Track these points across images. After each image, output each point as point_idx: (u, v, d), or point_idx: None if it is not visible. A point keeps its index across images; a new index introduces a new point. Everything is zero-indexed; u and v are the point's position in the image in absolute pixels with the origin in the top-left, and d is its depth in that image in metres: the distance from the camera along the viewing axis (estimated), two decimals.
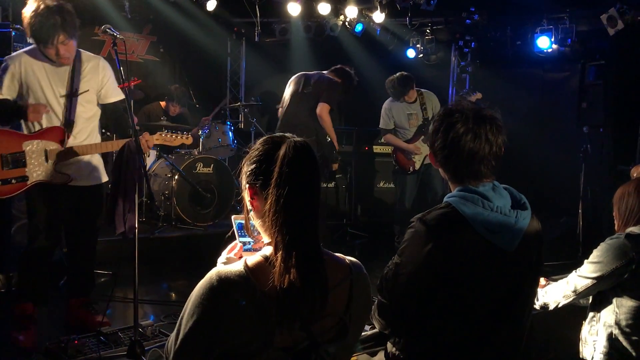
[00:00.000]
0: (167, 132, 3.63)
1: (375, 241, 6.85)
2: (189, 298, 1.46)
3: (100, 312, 3.70)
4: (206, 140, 6.62)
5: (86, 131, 3.53)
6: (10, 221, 4.30)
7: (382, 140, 6.42)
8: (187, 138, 3.66)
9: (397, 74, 6.04)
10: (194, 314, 1.41)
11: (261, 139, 1.56)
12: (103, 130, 5.26)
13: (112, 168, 3.20)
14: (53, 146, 3.38)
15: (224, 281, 1.40)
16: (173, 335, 1.49)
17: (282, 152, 1.47)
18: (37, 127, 3.39)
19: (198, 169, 6.11)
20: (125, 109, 3.42)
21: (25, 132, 3.39)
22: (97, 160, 3.64)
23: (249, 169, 1.53)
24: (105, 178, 3.72)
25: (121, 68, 3.17)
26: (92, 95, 3.54)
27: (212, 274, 1.44)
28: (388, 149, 7.36)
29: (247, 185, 1.54)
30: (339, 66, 5.70)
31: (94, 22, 7.38)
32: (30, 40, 3.30)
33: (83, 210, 3.60)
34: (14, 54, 3.43)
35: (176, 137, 3.62)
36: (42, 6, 3.18)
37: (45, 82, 3.37)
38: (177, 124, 6.56)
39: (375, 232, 7.09)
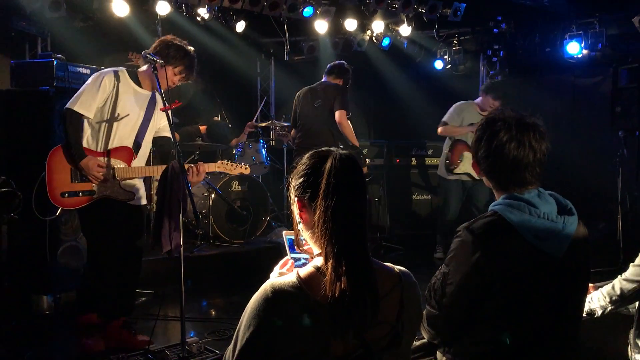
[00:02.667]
0: (228, 161, 3.81)
1: (410, 254, 6.82)
2: (244, 311, 1.50)
3: (140, 332, 3.78)
4: (240, 158, 6.72)
5: (145, 156, 3.73)
6: (56, 244, 4.41)
7: (439, 131, 6.19)
8: (245, 168, 3.89)
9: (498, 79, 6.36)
10: (250, 325, 1.44)
11: (307, 154, 1.61)
12: None
13: (157, 189, 3.29)
14: (121, 165, 3.56)
15: (278, 292, 1.44)
16: (230, 348, 1.52)
17: (328, 164, 1.51)
18: (105, 146, 3.54)
19: (233, 187, 6.21)
20: (170, 149, 3.72)
21: (92, 147, 3.54)
22: (142, 182, 3.82)
23: (297, 183, 1.57)
24: (145, 200, 3.86)
25: (162, 91, 3.28)
26: (156, 127, 3.76)
27: (266, 286, 1.47)
28: (423, 161, 7.39)
29: (296, 199, 1.58)
30: (332, 65, 5.77)
31: (127, 47, 7.57)
32: (156, 55, 3.49)
33: (131, 229, 3.69)
34: (111, 69, 3.62)
35: (236, 166, 3.82)
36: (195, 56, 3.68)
37: (130, 103, 3.57)
38: (212, 142, 6.71)
39: (409, 244, 7.07)
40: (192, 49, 3.69)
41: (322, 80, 5.76)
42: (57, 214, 4.12)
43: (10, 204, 3.60)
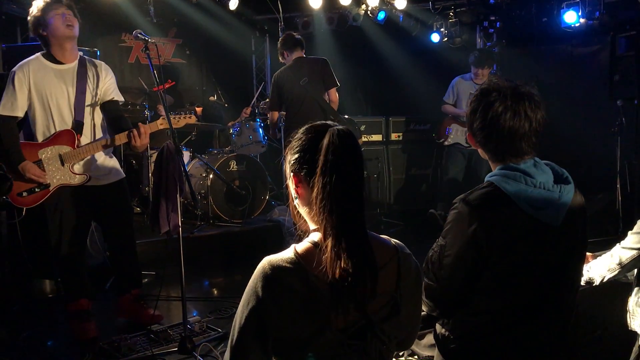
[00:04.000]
0: (170, 115, 3.63)
1: (409, 229, 6.84)
2: (245, 290, 1.49)
3: (152, 307, 3.81)
4: (238, 138, 6.71)
5: (95, 131, 3.62)
6: None
7: (442, 110, 6.70)
8: (189, 117, 3.73)
9: (484, 48, 6.55)
10: (249, 302, 1.45)
11: (303, 128, 1.58)
12: None
13: (153, 170, 3.28)
14: (66, 149, 3.49)
15: (276, 268, 1.44)
16: (233, 326, 1.53)
17: (326, 140, 1.48)
18: (49, 134, 3.48)
19: (231, 166, 6.20)
20: (122, 112, 3.65)
21: (39, 139, 3.49)
22: (112, 158, 3.74)
23: (293, 158, 1.55)
24: (123, 174, 3.78)
25: (154, 71, 3.25)
26: (97, 97, 3.63)
27: (263, 263, 1.47)
28: (421, 136, 7.40)
29: (292, 174, 1.57)
30: (290, 41, 5.52)
31: (120, 29, 7.52)
32: (39, 20, 3.43)
33: (112, 207, 3.68)
34: (22, 62, 3.52)
35: (179, 118, 3.68)
36: None
37: (54, 86, 3.47)
38: (209, 122, 6.69)
39: (409, 220, 7.09)
40: None
41: (295, 58, 5.50)
42: (23, 214, 3.99)
43: (1, 187, 3.59)
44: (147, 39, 3.27)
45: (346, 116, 5.81)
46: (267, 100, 6.50)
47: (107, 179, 3.65)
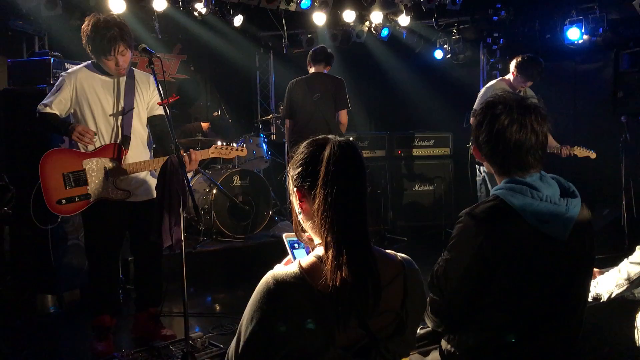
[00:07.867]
0: (223, 145, 3.72)
1: (413, 245, 6.81)
2: (248, 304, 1.47)
3: (167, 326, 3.82)
4: None
5: (141, 146, 3.62)
6: (59, 242, 4.41)
7: (471, 121, 5.14)
8: (242, 150, 3.80)
9: (530, 55, 5.18)
10: (253, 318, 1.42)
11: (305, 143, 1.57)
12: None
13: (157, 183, 3.26)
14: (112, 163, 3.48)
15: (280, 283, 1.42)
16: (233, 342, 1.50)
17: (327, 152, 1.48)
18: (91, 147, 3.47)
19: (235, 182, 6.19)
20: (165, 126, 3.54)
21: (82, 150, 3.48)
22: (151, 176, 3.70)
23: (296, 173, 1.55)
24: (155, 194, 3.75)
25: (159, 86, 3.25)
26: (145, 111, 3.63)
27: (267, 277, 1.45)
28: (425, 152, 7.35)
29: (295, 189, 1.56)
30: (318, 54, 5.54)
31: None
32: (90, 54, 3.43)
33: (142, 225, 3.63)
34: (72, 69, 3.56)
35: (231, 149, 3.74)
36: (101, 20, 3.35)
37: (102, 98, 3.47)
38: (217, 135, 6.71)
39: (413, 235, 7.06)
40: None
41: (313, 71, 5.58)
42: (58, 221, 4.17)
43: (2, 198, 3.57)
44: (152, 52, 3.27)
45: (351, 138, 5.74)
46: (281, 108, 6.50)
47: (144, 196, 3.64)
